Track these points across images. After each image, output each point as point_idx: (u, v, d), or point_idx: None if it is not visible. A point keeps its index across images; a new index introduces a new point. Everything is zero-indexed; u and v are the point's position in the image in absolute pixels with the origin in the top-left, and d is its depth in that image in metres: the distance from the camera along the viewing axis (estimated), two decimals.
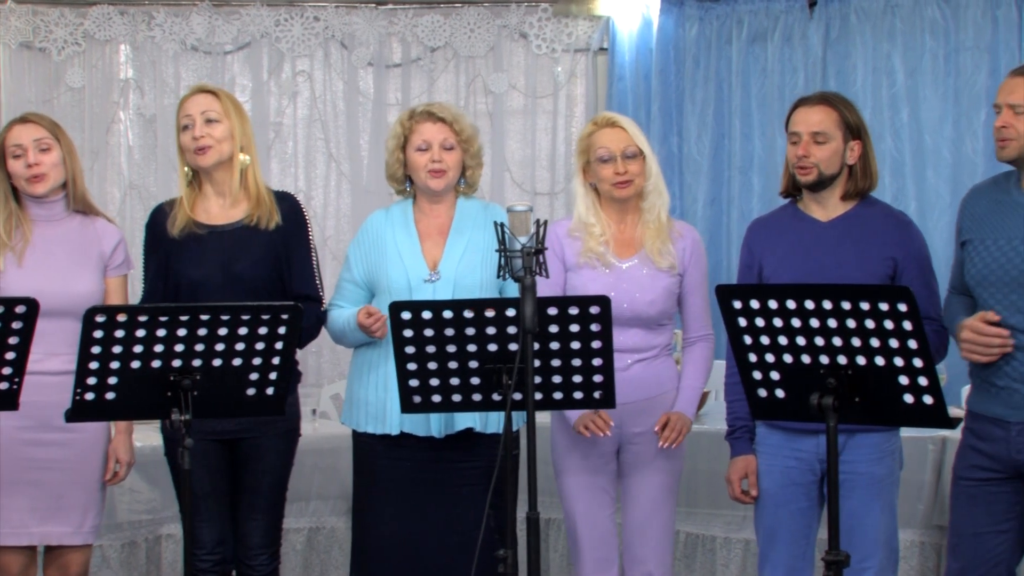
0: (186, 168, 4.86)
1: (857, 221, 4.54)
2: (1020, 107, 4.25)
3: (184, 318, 3.99)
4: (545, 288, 4.50)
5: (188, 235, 4.78)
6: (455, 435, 4.77)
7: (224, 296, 4.64)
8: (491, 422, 4.77)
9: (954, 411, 5.28)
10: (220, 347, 4.05)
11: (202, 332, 4.02)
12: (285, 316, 4.08)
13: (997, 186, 4.46)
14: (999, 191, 4.42)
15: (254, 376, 4.14)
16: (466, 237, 4.83)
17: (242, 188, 4.84)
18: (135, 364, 4.00)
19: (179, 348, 4.01)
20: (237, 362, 4.09)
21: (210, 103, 4.81)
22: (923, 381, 3.67)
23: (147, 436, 5.19)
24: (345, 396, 5.01)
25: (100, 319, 3.94)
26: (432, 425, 4.76)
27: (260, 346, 4.09)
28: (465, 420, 4.74)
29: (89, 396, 4.03)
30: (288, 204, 4.92)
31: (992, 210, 4.39)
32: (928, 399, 3.69)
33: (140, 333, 3.97)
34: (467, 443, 4.79)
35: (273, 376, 4.16)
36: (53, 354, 4.61)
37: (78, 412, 4.07)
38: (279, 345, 4.11)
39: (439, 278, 4.79)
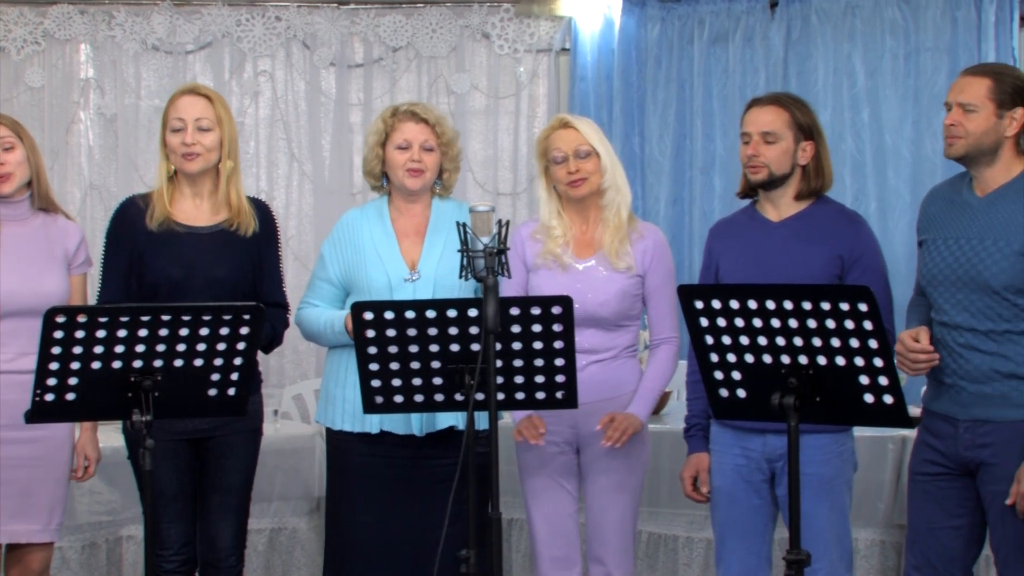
0: (169, 166, 4.84)
1: (807, 221, 4.56)
2: (970, 106, 4.28)
3: (145, 318, 3.97)
4: (508, 288, 4.51)
5: (166, 231, 4.76)
6: (435, 433, 4.77)
7: (202, 299, 4.62)
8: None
9: (914, 410, 5.31)
10: (181, 347, 4.04)
11: (163, 332, 4.00)
12: (247, 316, 4.07)
13: (951, 187, 4.50)
14: (952, 191, 4.46)
15: (216, 377, 4.12)
16: (443, 237, 4.83)
17: (223, 195, 4.83)
18: (96, 365, 3.98)
19: (140, 348, 4.00)
20: (199, 363, 4.08)
21: (204, 109, 4.79)
22: (883, 381, 3.69)
23: (108, 437, 5.17)
24: (320, 394, 5.00)
25: (60, 319, 3.92)
26: (413, 424, 4.76)
27: (222, 347, 4.08)
28: (447, 419, 4.75)
29: (49, 397, 4.00)
30: (262, 211, 4.92)
31: (944, 210, 4.43)
32: (888, 399, 3.71)
33: (101, 333, 3.95)
34: (447, 441, 4.79)
35: (235, 377, 4.14)
36: (24, 353, 4.58)
37: (38, 413, 4.05)
38: (241, 346, 4.10)
39: (419, 278, 4.79)
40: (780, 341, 3.75)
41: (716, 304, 3.80)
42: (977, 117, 4.28)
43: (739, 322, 3.79)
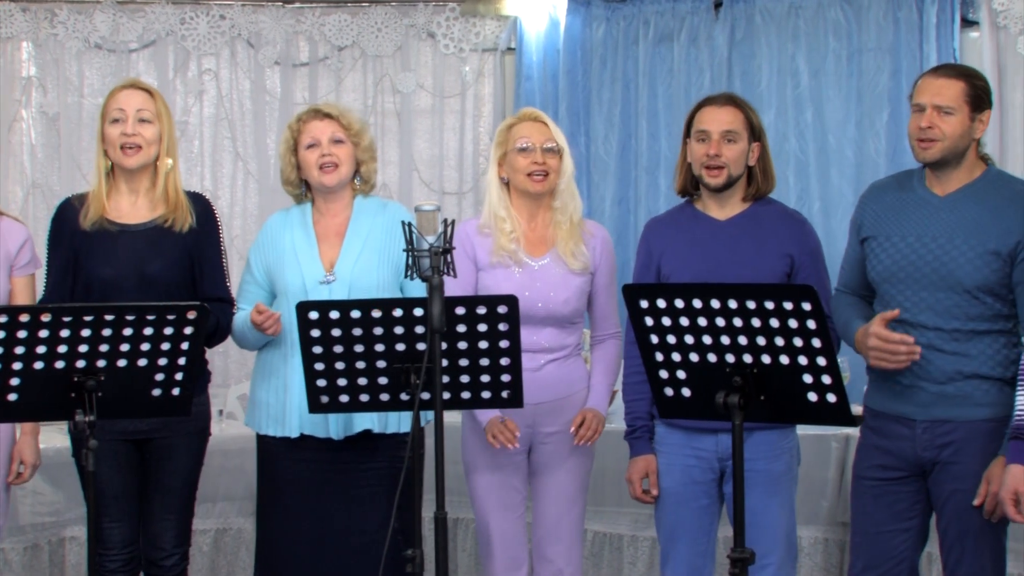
0: (107, 161, 4.81)
1: (754, 219, 4.58)
2: (947, 108, 4.27)
3: (88, 318, 3.95)
4: (454, 288, 4.51)
5: (99, 231, 4.74)
6: (355, 436, 4.76)
7: (136, 298, 4.60)
8: (391, 422, 4.76)
9: (857, 409, 5.34)
10: (125, 347, 4.02)
11: (107, 332, 3.99)
12: (191, 316, 4.05)
13: (899, 183, 4.50)
14: (903, 189, 4.46)
15: (160, 377, 4.11)
16: (363, 237, 4.82)
17: (158, 189, 4.81)
18: (38, 365, 3.96)
19: (83, 348, 3.98)
20: (142, 363, 4.06)
21: (145, 102, 4.78)
22: (826, 379, 3.72)
23: (51, 438, 5.14)
24: (248, 400, 4.99)
25: (2, 319, 3.90)
26: (331, 427, 4.75)
27: (166, 346, 4.07)
28: (363, 421, 4.74)
29: None
30: (201, 206, 4.89)
31: (897, 207, 4.42)
32: (831, 397, 3.74)
33: (43, 333, 3.93)
34: (367, 444, 4.78)
35: (179, 376, 4.13)
36: None
37: None
38: (185, 345, 4.08)
39: (335, 279, 4.77)
40: (725, 340, 3.77)
41: (661, 303, 3.82)
42: (954, 120, 4.28)
43: (684, 321, 3.81)
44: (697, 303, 3.77)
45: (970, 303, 4.25)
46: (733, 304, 3.72)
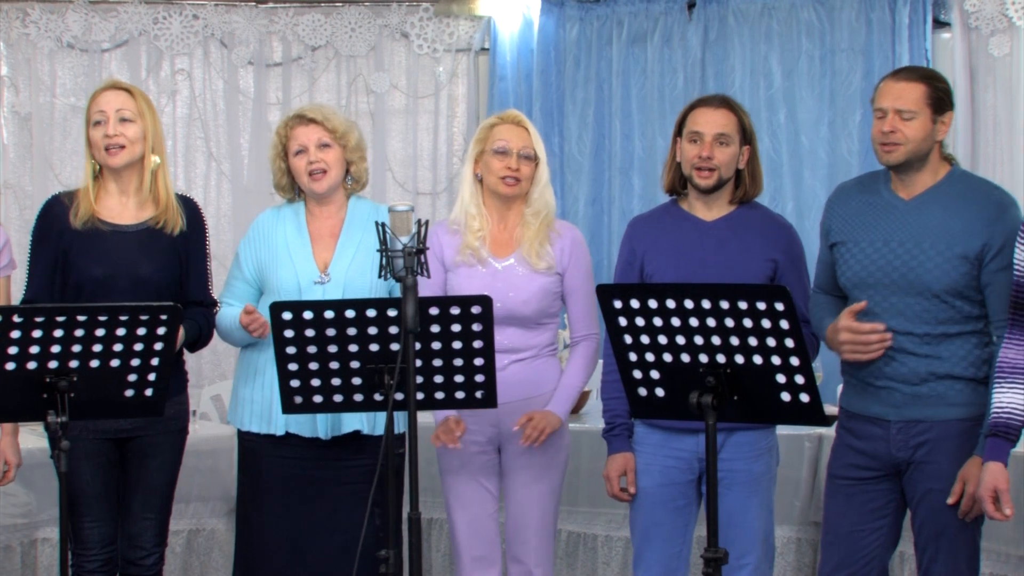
0: (93, 163, 4.80)
1: (741, 222, 4.58)
2: (908, 112, 4.27)
3: (61, 319, 3.94)
4: (426, 288, 4.50)
5: (90, 229, 4.72)
6: (342, 436, 4.76)
7: (127, 298, 4.58)
8: (379, 423, 4.75)
9: (830, 409, 5.34)
10: (98, 348, 4.00)
11: (79, 333, 3.97)
12: (164, 317, 4.04)
13: (864, 186, 4.50)
14: (868, 192, 4.46)
15: (133, 377, 4.09)
16: (357, 239, 4.82)
17: (149, 190, 4.79)
18: (10, 365, 3.95)
19: (56, 349, 3.96)
20: (115, 363, 4.05)
21: (125, 101, 4.76)
22: (799, 379, 3.72)
23: (23, 438, 5.11)
24: (231, 396, 4.97)
25: None
26: (319, 426, 4.75)
27: (139, 347, 4.05)
28: (352, 422, 4.73)
29: None
30: (190, 209, 4.88)
31: (863, 211, 4.43)
32: (804, 397, 3.74)
33: (15, 334, 3.92)
34: (354, 444, 4.78)
35: (152, 377, 4.11)
36: None
37: None
38: (158, 346, 4.07)
39: (329, 280, 4.77)
40: (698, 340, 3.77)
41: (635, 303, 3.81)
42: (916, 123, 4.28)
43: (657, 321, 3.81)
44: (670, 303, 3.77)
45: (939, 307, 4.26)
46: (706, 304, 3.72)
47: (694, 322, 3.75)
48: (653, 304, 3.79)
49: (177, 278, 4.79)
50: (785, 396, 3.75)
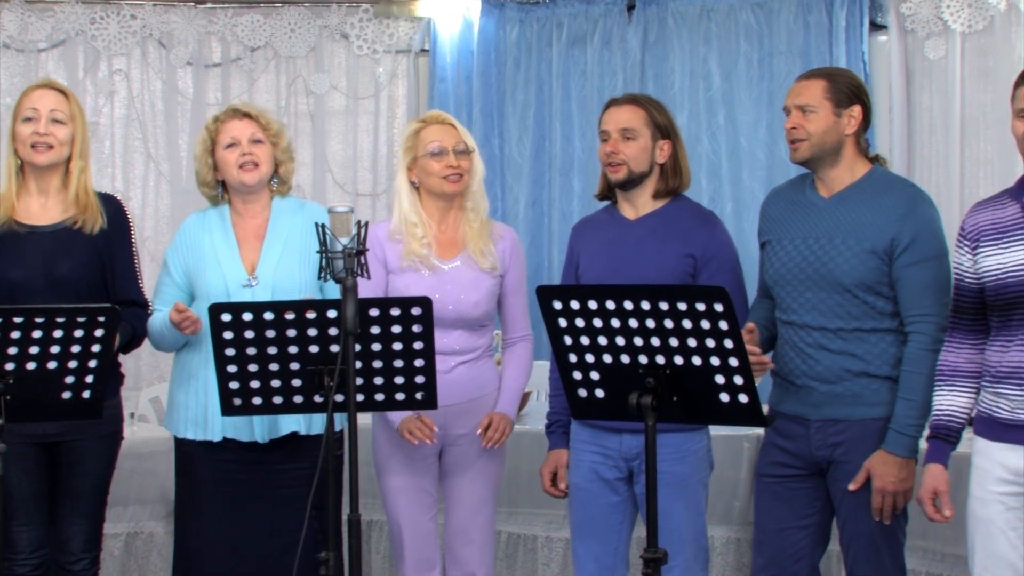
0: (16, 160, 4.76)
1: (663, 219, 4.61)
2: (808, 107, 4.36)
3: None
4: (366, 290, 4.49)
5: (7, 232, 4.69)
6: (279, 439, 4.75)
7: (46, 299, 4.55)
8: (315, 424, 4.74)
9: (769, 409, 5.38)
10: (34, 350, 3.98)
11: (15, 335, 3.94)
12: (102, 318, 4.01)
13: (793, 187, 4.58)
14: (795, 192, 4.53)
15: (70, 379, 4.07)
16: (283, 239, 4.80)
17: (75, 194, 4.76)
18: None
19: None
20: (52, 365, 4.02)
21: (59, 102, 4.74)
22: (738, 380, 3.73)
23: None
24: (167, 402, 4.95)
25: None
26: (256, 430, 4.73)
27: (76, 349, 4.03)
28: (289, 423, 4.72)
29: None
30: (112, 207, 4.85)
31: (788, 211, 4.50)
32: (743, 398, 3.75)
33: None
34: (291, 446, 4.77)
35: (89, 379, 4.09)
36: None
37: None
38: (96, 348, 4.05)
39: (257, 283, 4.75)
40: (638, 341, 3.78)
41: (574, 305, 3.82)
42: (816, 118, 4.35)
43: (597, 322, 3.81)
44: (610, 304, 3.78)
45: (852, 302, 4.31)
46: (646, 305, 3.73)
47: (634, 323, 3.76)
48: (593, 305, 3.79)
49: (99, 277, 4.75)
50: (724, 397, 3.77)
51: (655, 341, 3.76)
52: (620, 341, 3.80)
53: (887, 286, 4.31)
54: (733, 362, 3.72)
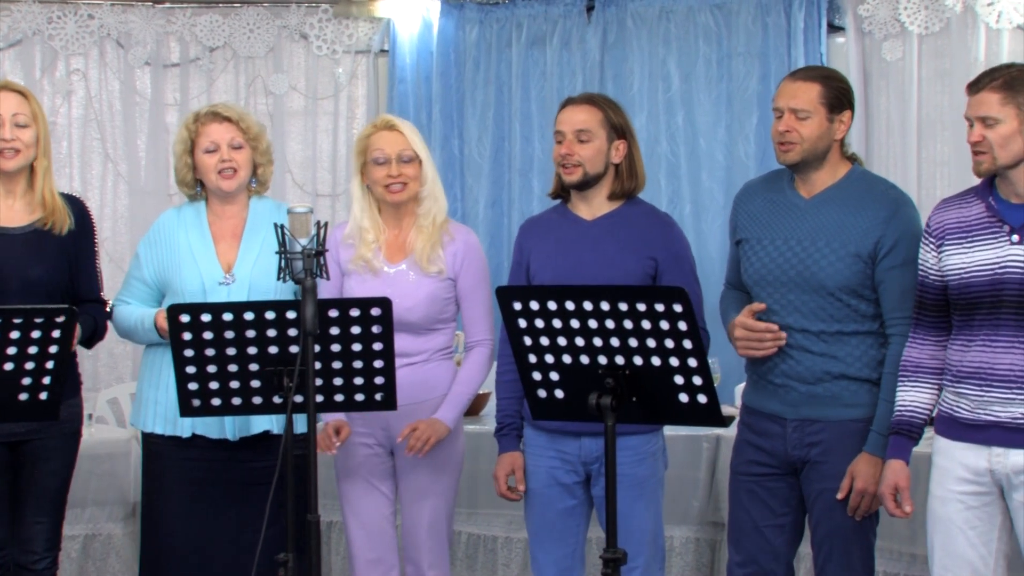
0: None
1: (620, 220, 4.60)
2: (803, 112, 4.33)
3: None
4: (326, 291, 4.49)
5: None
6: (250, 437, 4.74)
7: (20, 301, 4.52)
8: None
9: (727, 409, 5.40)
10: None
11: None
12: (60, 319, 4.00)
13: (770, 185, 4.56)
14: (772, 191, 4.51)
15: (27, 381, 4.05)
16: (260, 239, 4.79)
17: (40, 194, 4.74)
18: None
19: None
20: (9, 366, 4.01)
21: (20, 105, 4.72)
22: (697, 380, 3.74)
23: None
24: (135, 397, 4.93)
25: None
26: (226, 428, 4.72)
27: (33, 350, 4.01)
28: (262, 422, 4.71)
29: None
30: (78, 208, 4.84)
31: (767, 210, 4.48)
32: (702, 398, 3.77)
33: None
34: (262, 444, 4.76)
35: (47, 380, 4.07)
36: None
37: None
38: (53, 349, 4.03)
39: (234, 281, 4.74)
40: (597, 342, 3.78)
41: (534, 305, 3.82)
42: (811, 123, 4.34)
43: (557, 323, 3.82)
44: (570, 305, 3.78)
45: (834, 305, 4.32)
46: (605, 306, 3.74)
47: (593, 324, 3.77)
48: (552, 306, 3.80)
49: (68, 278, 4.74)
50: (683, 397, 3.78)
51: (615, 342, 3.77)
52: (580, 342, 3.81)
53: (870, 289, 4.32)
54: (692, 363, 3.73)
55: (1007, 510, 4.04)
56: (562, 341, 3.84)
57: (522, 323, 3.86)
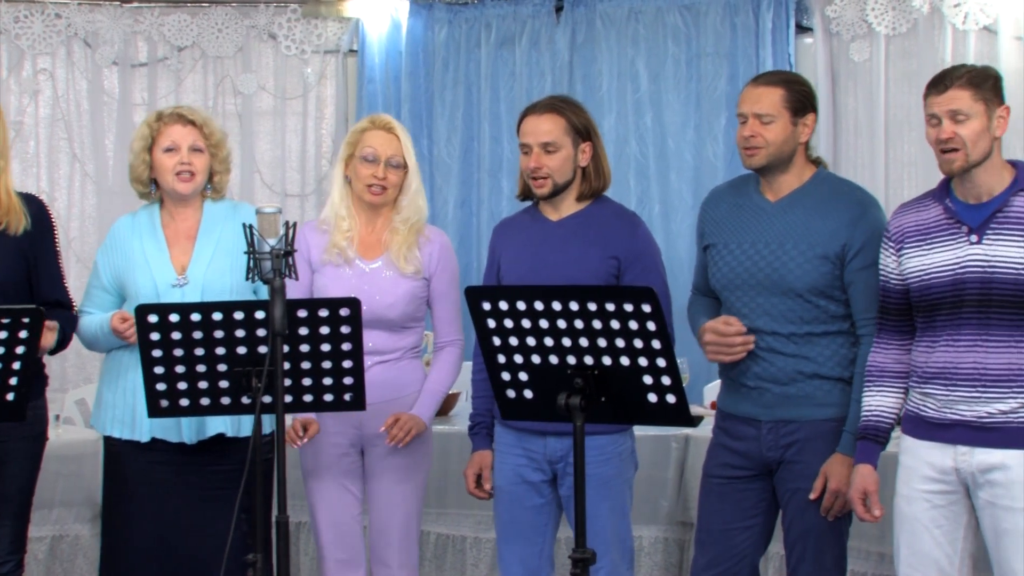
0: None
1: (586, 220, 4.60)
2: (767, 116, 4.34)
3: None
4: (294, 291, 4.48)
5: None
6: (207, 440, 4.72)
7: None
8: (244, 426, 4.71)
9: (696, 410, 5.40)
10: None
11: None
12: (26, 320, 3.98)
13: (736, 190, 4.57)
14: (739, 195, 4.52)
15: None
16: (215, 240, 4.77)
17: None
18: None
19: None
20: None
21: None
22: (666, 380, 3.75)
23: None
24: (95, 399, 4.91)
25: None
26: (184, 431, 4.70)
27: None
28: (216, 425, 4.69)
29: None
30: (35, 207, 4.79)
31: (733, 214, 4.49)
32: (671, 398, 3.77)
33: None
34: (220, 447, 4.73)
35: (13, 381, 4.05)
36: None
37: None
38: (20, 350, 4.01)
39: (187, 283, 4.72)
40: (566, 342, 3.79)
41: (503, 305, 3.82)
42: (775, 127, 4.34)
43: (526, 323, 3.82)
44: (539, 305, 3.78)
45: (804, 307, 4.34)
46: (574, 306, 3.74)
47: (562, 324, 3.77)
48: (521, 306, 3.80)
49: (25, 279, 4.69)
50: (652, 397, 3.78)
51: (583, 342, 3.77)
52: (548, 342, 3.81)
53: (839, 290, 4.34)
54: (661, 363, 3.73)
55: (973, 509, 4.06)
56: (531, 341, 3.84)
57: (491, 323, 3.86)
